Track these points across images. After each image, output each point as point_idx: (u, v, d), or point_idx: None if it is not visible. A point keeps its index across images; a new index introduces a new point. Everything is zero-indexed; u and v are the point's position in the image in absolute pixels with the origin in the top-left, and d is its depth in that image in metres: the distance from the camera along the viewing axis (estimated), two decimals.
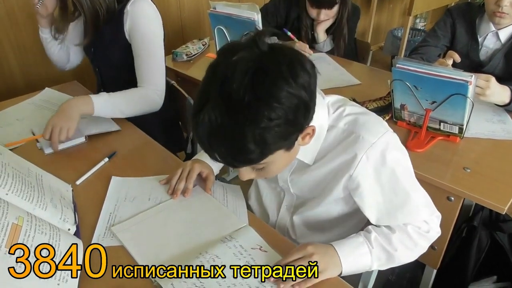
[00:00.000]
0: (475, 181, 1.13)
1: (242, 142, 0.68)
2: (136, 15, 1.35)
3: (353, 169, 0.87)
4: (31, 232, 0.80)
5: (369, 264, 0.87)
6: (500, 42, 1.55)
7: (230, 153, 0.71)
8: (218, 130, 0.68)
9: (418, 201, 0.89)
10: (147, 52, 1.38)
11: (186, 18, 2.57)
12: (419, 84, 1.24)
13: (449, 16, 1.66)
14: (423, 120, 1.30)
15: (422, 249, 0.91)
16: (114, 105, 1.33)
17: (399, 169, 0.86)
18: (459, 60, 1.32)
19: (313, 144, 0.87)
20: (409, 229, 0.88)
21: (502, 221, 1.41)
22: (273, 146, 0.71)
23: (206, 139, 0.71)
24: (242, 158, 0.72)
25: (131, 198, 1.04)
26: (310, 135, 0.80)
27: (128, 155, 1.23)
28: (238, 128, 0.67)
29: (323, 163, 0.91)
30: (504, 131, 1.33)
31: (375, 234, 0.88)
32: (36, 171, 1.01)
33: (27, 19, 1.90)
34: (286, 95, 0.67)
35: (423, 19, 4.22)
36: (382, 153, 0.85)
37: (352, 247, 0.86)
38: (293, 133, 0.74)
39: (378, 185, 0.87)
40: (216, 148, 0.71)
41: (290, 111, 0.68)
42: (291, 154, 0.81)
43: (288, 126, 0.70)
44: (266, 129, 0.67)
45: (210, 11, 1.74)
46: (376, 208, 0.90)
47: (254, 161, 0.73)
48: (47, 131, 1.20)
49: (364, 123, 0.86)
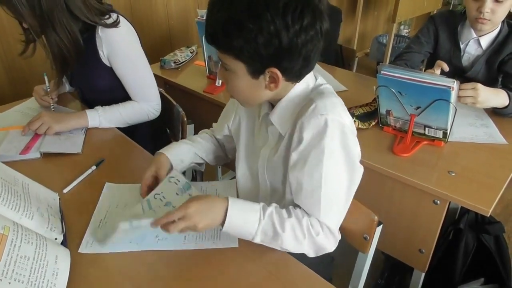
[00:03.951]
0: (460, 185, 1.16)
1: (217, 21, 0.78)
2: (112, 41, 1.32)
3: (297, 132, 0.86)
4: (17, 242, 0.79)
5: (253, 233, 0.84)
6: (481, 49, 1.59)
7: (209, 27, 0.81)
8: (212, 6, 0.79)
9: (327, 199, 0.85)
10: (133, 72, 1.39)
11: (174, 26, 2.58)
12: (403, 90, 1.26)
13: (432, 23, 1.69)
14: (408, 125, 1.32)
15: (307, 249, 0.87)
16: (110, 122, 1.38)
17: (329, 156, 0.84)
18: (448, 70, 1.35)
19: (287, 107, 0.90)
20: (304, 221, 0.85)
21: (488, 223, 1.43)
22: (235, 50, 0.79)
23: (207, 9, 0.81)
24: (213, 35, 0.81)
25: (123, 205, 1.03)
26: (276, 83, 0.84)
27: (116, 162, 1.22)
28: (222, 11, 0.77)
29: (288, 133, 0.91)
30: (487, 134, 1.36)
31: (272, 209, 0.86)
32: (23, 180, 1.00)
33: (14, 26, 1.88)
34: (269, 18, 0.73)
35: (407, 25, 4.29)
36: (324, 129, 0.83)
37: (245, 210, 0.84)
38: (257, 60, 0.79)
39: (303, 157, 0.86)
40: (207, 19, 0.81)
41: (262, 34, 0.75)
42: (252, 85, 0.85)
43: (255, 47, 0.76)
44: (238, 29, 0.75)
45: (198, 19, 1.75)
46: (294, 178, 0.88)
47: (218, 43, 0.81)
48: (37, 123, 1.27)
49: (326, 96, 0.87)
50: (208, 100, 1.74)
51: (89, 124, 1.35)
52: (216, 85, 1.77)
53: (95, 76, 1.42)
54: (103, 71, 1.39)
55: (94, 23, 1.28)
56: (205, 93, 1.75)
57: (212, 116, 1.24)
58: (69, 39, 1.25)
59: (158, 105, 1.46)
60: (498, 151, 1.29)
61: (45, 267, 0.79)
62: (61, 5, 1.21)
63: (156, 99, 1.45)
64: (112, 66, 1.38)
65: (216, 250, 0.90)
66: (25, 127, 1.29)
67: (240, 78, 0.85)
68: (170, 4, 2.51)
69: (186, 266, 0.87)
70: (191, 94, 1.81)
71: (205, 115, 1.83)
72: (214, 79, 1.80)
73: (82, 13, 1.25)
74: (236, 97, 0.94)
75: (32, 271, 0.76)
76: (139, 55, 1.39)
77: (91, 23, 1.28)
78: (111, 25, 1.29)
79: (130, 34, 1.37)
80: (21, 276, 0.74)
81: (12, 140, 1.27)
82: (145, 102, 1.42)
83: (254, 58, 0.79)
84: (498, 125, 1.41)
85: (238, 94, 0.91)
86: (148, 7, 2.41)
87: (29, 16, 1.18)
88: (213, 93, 1.73)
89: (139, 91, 1.42)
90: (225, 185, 1.11)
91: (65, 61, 1.30)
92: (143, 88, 1.42)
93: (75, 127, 1.34)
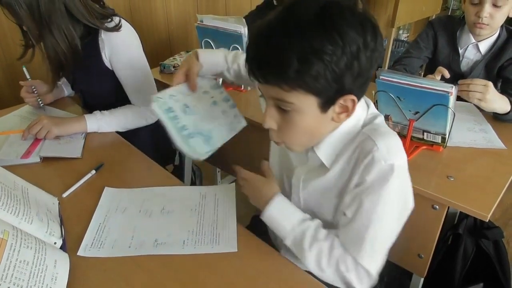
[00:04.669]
0: (458, 190, 1.16)
1: (287, 50, 0.65)
2: (113, 43, 1.33)
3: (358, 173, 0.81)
4: (16, 246, 0.79)
5: (287, 231, 0.86)
6: (480, 54, 1.60)
7: (269, 57, 0.68)
8: (268, 33, 0.68)
9: (371, 243, 0.82)
10: (133, 76, 1.39)
11: (173, 30, 2.59)
12: (402, 95, 1.27)
13: (431, 28, 1.70)
14: (407, 130, 1.33)
15: (331, 279, 0.84)
16: (110, 126, 1.38)
17: (386, 203, 0.80)
18: (448, 76, 1.35)
19: (337, 142, 0.82)
20: (335, 252, 0.83)
21: (487, 228, 1.43)
22: (310, 79, 0.67)
23: (253, 40, 0.71)
24: (277, 67, 0.68)
25: (122, 209, 1.04)
26: (348, 112, 0.75)
27: (116, 167, 1.22)
28: (290, 37, 0.65)
29: (337, 167, 0.85)
30: (485, 139, 1.37)
31: (312, 224, 0.86)
32: (22, 184, 1.01)
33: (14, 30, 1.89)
34: (352, 37, 0.65)
35: (406, 30, 4.31)
36: (387, 177, 0.78)
37: (290, 210, 0.88)
38: (334, 87, 0.69)
39: (359, 198, 0.81)
40: (258, 49, 0.70)
41: (345, 56, 0.65)
42: (319, 121, 0.75)
43: (334, 73, 0.66)
44: (316, 53, 0.64)
45: (197, 24, 1.76)
46: (343, 213, 0.85)
47: (286, 77, 0.68)
48: (36, 127, 1.27)
49: (387, 137, 0.80)
50: None
51: (88, 128, 1.35)
52: None
53: (97, 80, 1.43)
54: (105, 75, 1.39)
55: (96, 26, 1.29)
56: None
57: None
58: (66, 44, 1.26)
59: None
60: (497, 156, 1.29)
61: (44, 271, 0.79)
62: (61, 9, 1.21)
63: None
64: (113, 69, 1.38)
65: (215, 255, 0.90)
66: (24, 131, 1.29)
67: (306, 116, 0.74)
68: (169, 9, 2.52)
69: (185, 270, 0.87)
70: None
71: None
72: None
73: (83, 17, 1.25)
74: (290, 141, 0.82)
75: (31, 276, 0.76)
76: (140, 59, 1.40)
77: (93, 26, 1.28)
78: (113, 29, 1.30)
79: (132, 38, 1.38)
80: (20, 281, 0.74)
81: (12, 145, 1.27)
82: (144, 106, 1.43)
83: (331, 86, 0.69)
84: (496, 130, 1.42)
85: (297, 137, 0.80)
86: (148, 12, 2.42)
87: (28, 19, 1.18)
88: None
89: (138, 95, 1.42)
90: (225, 189, 1.11)
91: (61, 65, 1.30)
92: (142, 92, 1.42)
93: (74, 132, 1.34)
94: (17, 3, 1.14)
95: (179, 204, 1.05)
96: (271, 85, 0.72)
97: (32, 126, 1.28)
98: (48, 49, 1.26)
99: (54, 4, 1.19)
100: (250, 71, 0.73)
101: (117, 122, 1.39)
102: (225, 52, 1.10)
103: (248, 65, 0.73)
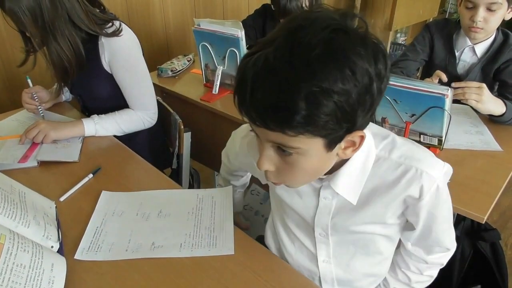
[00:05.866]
0: (455, 192, 1.15)
1: (293, 94, 0.55)
2: (113, 47, 1.33)
3: (416, 203, 0.77)
4: (13, 250, 0.79)
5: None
6: (476, 57, 1.60)
7: (272, 101, 0.56)
8: (269, 72, 0.56)
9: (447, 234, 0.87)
10: (132, 80, 1.39)
11: (171, 34, 2.60)
12: (398, 98, 1.27)
13: (428, 32, 1.71)
14: (403, 132, 1.33)
15: (430, 275, 0.97)
16: (108, 129, 1.38)
17: (449, 202, 0.83)
18: (446, 80, 1.36)
19: (358, 178, 0.75)
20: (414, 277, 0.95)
21: (484, 230, 1.43)
22: (320, 123, 0.57)
23: (250, 78, 0.57)
24: (282, 112, 0.57)
25: (119, 213, 1.04)
26: (354, 147, 0.67)
27: (113, 171, 1.22)
28: (296, 78, 0.55)
29: (373, 200, 0.78)
30: (482, 142, 1.37)
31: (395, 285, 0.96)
32: (19, 188, 1.01)
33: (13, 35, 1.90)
34: (361, 68, 0.57)
35: (403, 33, 4.33)
36: (442, 187, 0.78)
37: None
38: (344, 127, 0.61)
39: (433, 216, 0.81)
40: (257, 90, 0.57)
41: (356, 90, 0.57)
42: (324, 160, 0.68)
43: (345, 112, 0.58)
44: (325, 93, 0.55)
45: (195, 28, 1.76)
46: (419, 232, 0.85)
47: (292, 122, 0.57)
48: (33, 131, 1.28)
49: (420, 157, 0.76)
50: (205, 108, 1.74)
51: (85, 132, 1.35)
52: (213, 93, 1.78)
53: (96, 84, 1.43)
54: (104, 78, 1.40)
55: (96, 33, 1.29)
56: (202, 101, 1.75)
57: (209, 124, 1.25)
58: (70, 50, 1.26)
59: (154, 114, 1.47)
60: (493, 158, 1.30)
61: (41, 275, 0.79)
62: (64, 15, 1.22)
63: (153, 108, 1.46)
64: (112, 72, 1.39)
65: (212, 257, 0.91)
66: (22, 136, 1.29)
67: (310, 158, 0.65)
68: (167, 13, 2.53)
69: (181, 274, 0.87)
70: (188, 102, 1.81)
71: (202, 123, 1.84)
72: (210, 87, 1.81)
73: (84, 24, 1.26)
74: (291, 182, 0.73)
75: (28, 279, 0.77)
76: (139, 63, 1.40)
77: (93, 33, 1.29)
78: (113, 34, 1.30)
79: (132, 43, 1.38)
80: (17, 284, 0.74)
81: (10, 149, 1.27)
82: (141, 110, 1.43)
83: (341, 126, 0.60)
84: (493, 132, 1.42)
85: (300, 178, 0.72)
86: (146, 16, 2.43)
87: (31, 26, 1.19)
88: (209, 101, 1.74)
89: (136, 99, 1.43)
90: (222, 192, 1.11)
91: (66, 71, 1.31)
92: (140, 96, 1.42)
93: (72, 136, 1.34)
94: (21, 10, 1.14)
95: (176, 207, 1.05)
96: (272, 131, 0.60)
97: (29, 130, 1.29)
98: (52, 55, 1.27)
99: (57, 11, 1.20)
100: (245, 114, 0.61)
101: (115, 126, 1.39)
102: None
103: (241, 108, 0.61)
